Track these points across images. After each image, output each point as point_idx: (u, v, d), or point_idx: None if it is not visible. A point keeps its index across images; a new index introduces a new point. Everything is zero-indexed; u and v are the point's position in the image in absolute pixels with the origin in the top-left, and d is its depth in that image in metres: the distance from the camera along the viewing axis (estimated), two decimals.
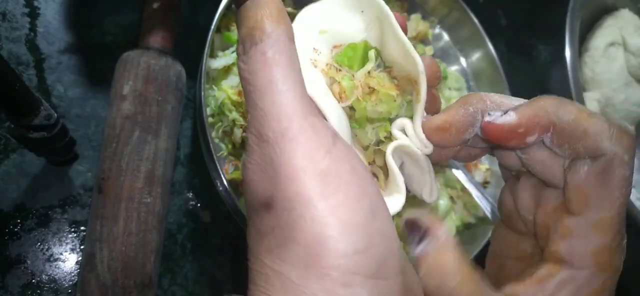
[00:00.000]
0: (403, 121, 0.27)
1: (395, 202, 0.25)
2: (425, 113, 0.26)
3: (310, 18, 0.28)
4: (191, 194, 0.56)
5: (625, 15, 0.75)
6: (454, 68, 0.74)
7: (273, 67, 0.21)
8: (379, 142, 0.28)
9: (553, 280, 0.23)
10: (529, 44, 0.85)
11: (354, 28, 0.28)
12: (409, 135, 0.26)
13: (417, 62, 0.25)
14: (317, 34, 0.28)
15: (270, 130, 0.20)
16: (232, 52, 0.56)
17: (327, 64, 0.27)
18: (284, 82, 0.21)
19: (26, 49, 0.52)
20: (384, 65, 0.28)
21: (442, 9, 0.72)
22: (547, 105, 0.23)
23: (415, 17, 0.71)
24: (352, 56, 0.27)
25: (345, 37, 0.28)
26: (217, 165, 0.49)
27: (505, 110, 0.23)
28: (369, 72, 0.27)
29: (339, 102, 0.26)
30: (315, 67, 0.27)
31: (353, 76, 0.27)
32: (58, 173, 0.50)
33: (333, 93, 0.26)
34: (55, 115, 0.44)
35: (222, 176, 0.49)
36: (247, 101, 0.22)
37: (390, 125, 0.27)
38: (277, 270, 0.20)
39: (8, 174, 0.48)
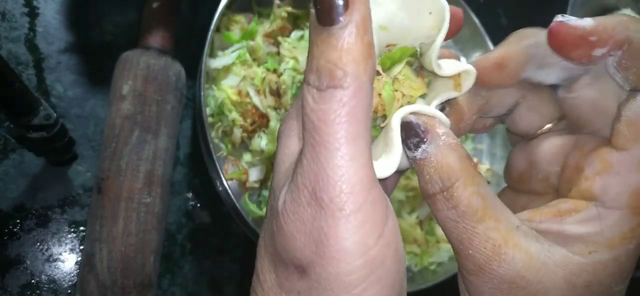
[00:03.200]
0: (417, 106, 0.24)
1: (390, 163, 0.22)
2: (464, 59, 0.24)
3: (373, 11, 0.25)
4: (191, 194, 0.56)
5: (626, 15, 0.75)
6: None
7: (348, 125, 0.18)
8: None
9: (577, 215, 0.21)
10: None
11: (417, 30, 0.25)
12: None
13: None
14: (376, 29, 0.24)
15: (328, 196, 0.18)
16: (232, 52, 0.56)
17: None
18: (355, 147, 0.18)
19: (25, 48, 0.52)
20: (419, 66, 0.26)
21: None
22: (627, 21, 0.21)
23: None
24: (397, 59, 0.25)
25: (404, 38, 0.25)
26: (217, 165, 0.49)
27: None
28: (396, 77, 0.25)
29: (376, 116, 0.24)
30: None
31: (391, 82, 0.24)
32: (57, 173, 0.50)
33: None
34: (55, 115, 0.43)
35: (221, 176, 0.49)
36: (308, 148, 0.19)
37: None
38: None
39: (8, 174, 0.48)
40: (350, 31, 0.18)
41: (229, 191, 0.49)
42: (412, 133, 0.22)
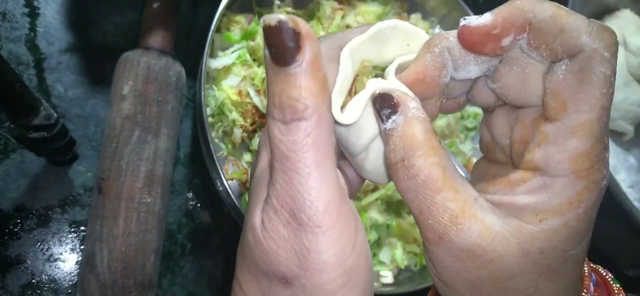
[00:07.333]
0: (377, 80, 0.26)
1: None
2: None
3: (362, 48, 0.26)
4: (191, 194, 0.56)
5: (626, 15, 0.74)
6: None
7: (316, 152, 0.21)
8: None
9: (524, 185, 0.22)
10: None
11: (393, 55, 0.27)
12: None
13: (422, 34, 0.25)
14: (359, 64, 0.27)
15: (306, 216, 0.21)
16: (232, 52, 0.56)
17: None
18: (324, 169, 0.21)
19: (26, 49, 0.52)
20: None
21: (442, 9, 0.72)
22: (523, 4, 0.21)
23: (415, 17, 0.71)
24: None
25: (381, 60, 0.27)
26: (217, 165, 0.49)
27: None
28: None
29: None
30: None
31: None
32: (58, 173, 0.50)
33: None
34: (55, 115, 0.44)
35: (222, 176, 0.49)
36: (280, 174, 0.21)
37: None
38: None
39: (8, 174, 0.48)
40: (305, 70, 0.20)
41: (229, 191, 0.49)
42: (385, 105, 0.23)
